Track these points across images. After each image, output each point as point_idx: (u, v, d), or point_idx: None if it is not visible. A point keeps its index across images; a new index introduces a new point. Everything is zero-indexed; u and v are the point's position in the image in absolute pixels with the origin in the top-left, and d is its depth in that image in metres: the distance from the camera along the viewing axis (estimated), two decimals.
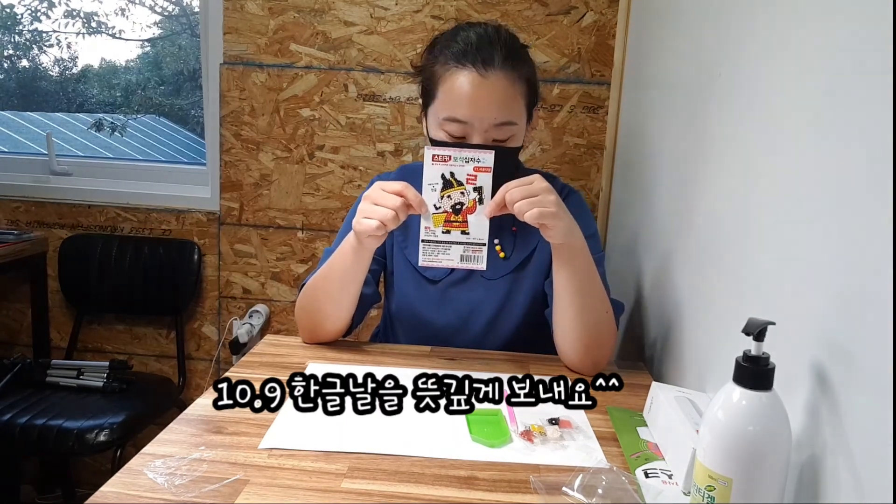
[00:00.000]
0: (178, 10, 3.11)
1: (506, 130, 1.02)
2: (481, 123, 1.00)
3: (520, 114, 1.05)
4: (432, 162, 0.93)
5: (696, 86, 1.07)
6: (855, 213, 0.55)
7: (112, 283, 1.96)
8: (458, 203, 0.94)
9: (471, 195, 0.94)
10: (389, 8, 1.79)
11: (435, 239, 0.95)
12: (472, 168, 0.93)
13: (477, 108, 1.00)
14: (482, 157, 0.93)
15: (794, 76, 0.70)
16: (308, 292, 1.11)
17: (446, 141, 1.02)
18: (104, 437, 1.57)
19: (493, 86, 1.00)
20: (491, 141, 1.02)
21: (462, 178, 0.93)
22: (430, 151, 0.93)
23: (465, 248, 0.95)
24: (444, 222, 0.95)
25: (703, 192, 0.98)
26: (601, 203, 1.79)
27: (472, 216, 0.94)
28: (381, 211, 0.93)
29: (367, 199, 0.96)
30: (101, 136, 2.91)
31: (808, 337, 0.61)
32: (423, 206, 0.94)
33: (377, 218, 0.93)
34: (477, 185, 0.93)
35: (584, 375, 1.04)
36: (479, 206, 0.94)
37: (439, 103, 1.04)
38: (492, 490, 0.70)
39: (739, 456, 0.55)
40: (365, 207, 0.96)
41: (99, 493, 0.65)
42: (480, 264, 0.96)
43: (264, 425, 0.81)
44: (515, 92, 1.03)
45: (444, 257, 0.95)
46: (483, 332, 1.17)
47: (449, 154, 0.93)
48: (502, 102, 1.01)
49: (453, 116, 1.01)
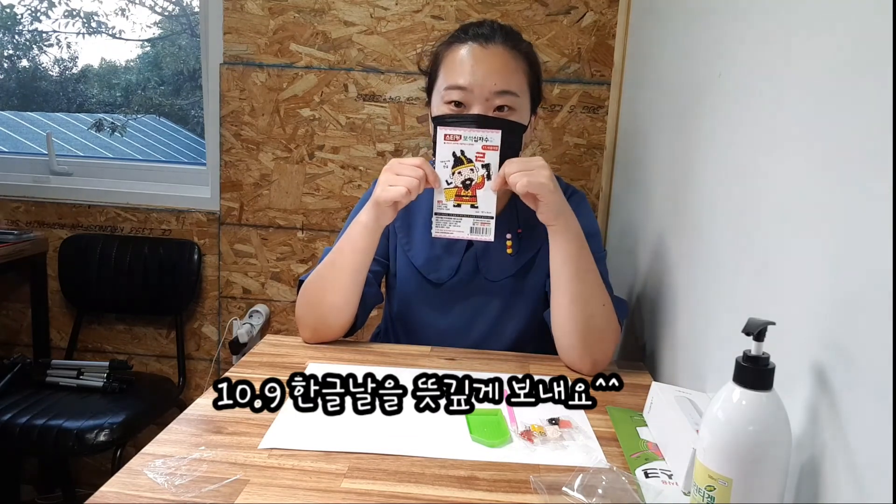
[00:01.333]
0: (178, 10, 3.11)
1: (506, 99, 1.05)
2: (481, 90, 1.04)
3: (521, 87, 1.07)
4: (444, 141, 0.99)
5: (695, 86, 1.07)
6: (855, 213, 0.55)
7: (112, 283, 1.96)
8: (467, 179, 1.00)
9: (479, 171, 1.00)
10: (389, 8, 1.79)
11: (447, 212, 1.01)
12: (480, 146, 0.99)
13: (476, 74, 1.04)
14: (490, 136, 0.99)
15: (793, 76, 0.70)
16: (311, 286, 1.10)
17: (451, 114, 1.06)
18: (104, 437, 1.57)
19: (493, 55, 1.06)
20: (492, 111, 1.05)
21: (472, 155, 0.99)
22: (442, 131, 0.99)
23: (475, 221, 1.01)
24: (455, 196, 1.01)
25: (704, 192, 0.98)
26: (601, 203, 1.79)
27: (480, 191, 1.00)
28: (406, 179, 0.99)
29: (389, 170, 1.01)
30: (102, 137, 2.91)
31: (808, 337, 0.61)
32: (438, 180, 1.00)
33: (403, 185, 0.98)
34: (485, 163, 0.99)
35: (585, 375, 1.04)
36: (487, 182, 1.00)
37: (441, 78, 1.08)
38: (492, 490, 0.70)
39: (739, 456, 0.55)
40: (388, 178, 1.00)
41: (99, 493, 0.65)
42: (488, 236, 1.01)
43: (264, 425, 0.81)
44: (516, 65, 1.07)
45: (455, 229, 1.01)
46: (486, 334, 1.17)
47: (459, 133, 0.99)
48: (502, 70, 1.05)
49: (455, 83, 1.05)
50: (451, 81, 1.05)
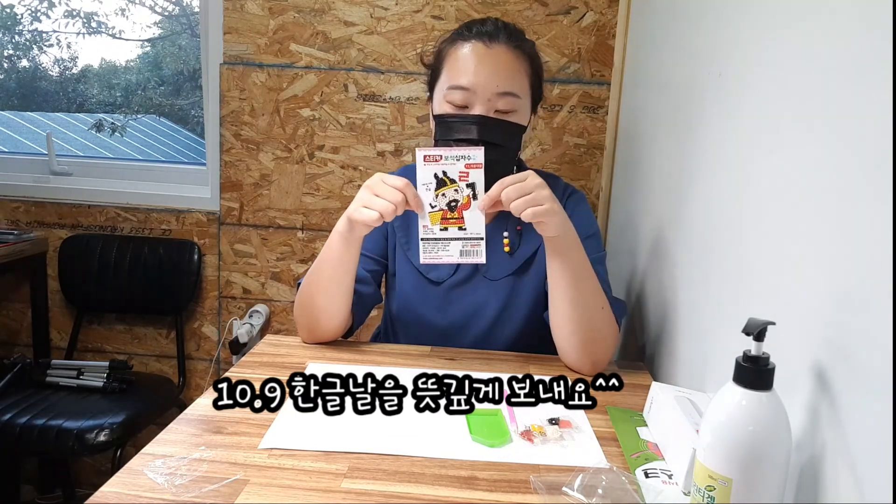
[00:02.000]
0: (178, 10, 3.11)
1: (508, 101, 1.04)
2: (484, 91, 1.02)
3: (522, 89, 1.06)
4: (424, 162, 0.94)
5: (695, 85, 1.07)
6: (855, 212, 0.55)
7: (112, 282, 1.96)
8: (452, 200, 0.96)
9: (464, 192, 0.95)
10: (389, 8, 1.79)
11: (434, 237, 0.97)
12: (463, 165, 0.94)
13: (480, 75, 1.02)
14: (472, 154, 0.94)
15: (794, 75, 0.70)
16: (303, 290, 1.11)
17: (451, 113, 1.04)
18: (104, 437, 1.57)
19: (497, 55, 1.04)
20: (493, 112, 1.04)
21: (454, 175, 0.95)
22: (422, 152, 0.94)
23: (464, 244, 0.97)
24: (440, 220, 0.96)
25: (704, 192, 0.98)
26: (601, 203, 1.78)
27: (467, 212, 0.96)
28: (382, 203, 0.94)
29: (368, 188, 0.97)
30: (102, 137, 2.91)
31: (808, 337, 0.61)
32: (421, 205, 0.95)
33: (377, 209, 0.94)
34: (469, 182, 0.95)
35: (584, 375, 1.04)
36: (473, 202, 0.95)
37: (444, 76, 1.07)
38: (492, 490, 0.70)
39: (739, 456, 0.55)
40: (365, 197, 0.96)
41: (99, 493, 0.65)
42: (480, 258, 0.97)
43: (264, 425, 0.81)
44: (519, 66, 1.06)
45: (444, 253, 0.97)
46: (485, 333, 1.17)
47: (440, 154, 0.94)
48: (505, 72, 1.04)
49: (457, 84, 1.04)
50: (453, 81, 1.04)
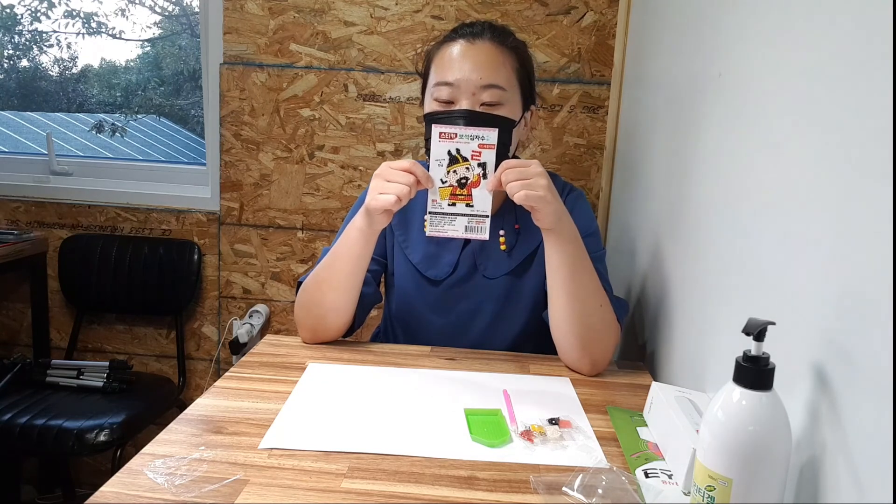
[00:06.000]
0: (178, 11, 3.11)
1: (493, 94, 1.05)
2: (467, 85, 1.05)
3: (508, 81, 1.08)
4: (439, 139, 0.98)
5: (695, 85, 1.07)
6: (855, 212, 0.55)
7: (112, 283, 1.96)
8: (463, 178, 0.99)
9: (475, 170, 0.98)
10: (389, 8, 1.79)
11: (441, 211, 1.00)
12: (476, 145, 0.98)
13: (463, 70, 1.05)
14: (486, 135, 0.97)
15: (793, 75, 0.70)
16: (309, 287, 1.11)
17: (439, 110, 1.06)
18: (104, 437, 1.57)
19: (479, 50, 1.07)
20: (479, 105, 1.06)
21: (467, 154, 0.98)
22: (437, 129, 0.97)
23: (470, 220, 0.99)
24: (450, 195, 0.99)
25: (703, 192, 0.98)
26: (601, 203, 1.79)
27: (476, 190, 0.99)
28: (396, 186, 0.98)
29: (379, 177, 1.00)
30: (102, 137, 2.90)
31: (808, 337, 0.61)
32: (430, 180, 0.98)
33: (393, 192, 0.97)
34: (481, 161, 0.98)
35: (585, 375, 1.04)
36: (482, 181, 0.99)
37: (431, 77, 1.10)
38: (492, 490, 0.70)
39: (739, 456, 0.55)
40: (378, 185, 0.99)
41: (99, 493, 0.65)
42: (483, 234, 1.00)
43: (264, 425, 0.81)
44: (504, 59, 1.08)
45: (450, 227, 1.00)
46: (484, 333, 1.17)
47: (455, 132, 0.98)
48: (488, 64, 1.06)
49: (442, 80, 1.06)
50: (439, 78, 1.07)
